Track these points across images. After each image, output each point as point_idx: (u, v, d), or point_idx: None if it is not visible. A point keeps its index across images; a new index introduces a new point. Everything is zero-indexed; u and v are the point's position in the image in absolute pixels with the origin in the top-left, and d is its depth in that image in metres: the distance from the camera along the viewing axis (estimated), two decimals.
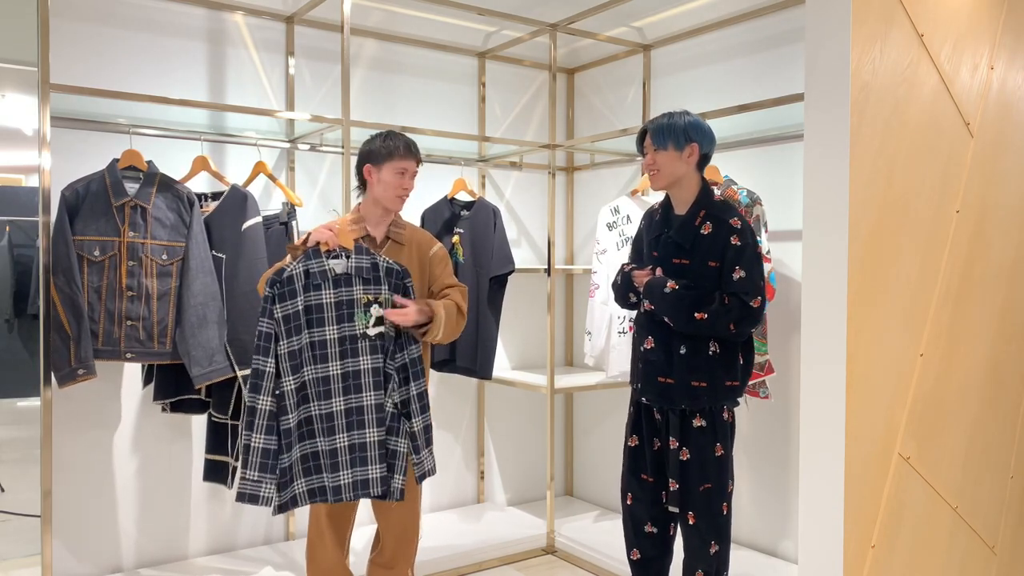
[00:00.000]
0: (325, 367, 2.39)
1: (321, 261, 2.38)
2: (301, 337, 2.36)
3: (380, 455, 2.43)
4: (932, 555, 2.40)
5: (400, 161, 2.49)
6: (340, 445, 2.40)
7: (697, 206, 2.56)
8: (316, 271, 2.38)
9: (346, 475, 2.41)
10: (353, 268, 2.41)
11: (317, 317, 2.38)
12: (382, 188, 2.50)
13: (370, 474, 2.43)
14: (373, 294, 2.42)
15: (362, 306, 2.41)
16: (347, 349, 2.40)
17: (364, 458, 2.42)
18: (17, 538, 3.90)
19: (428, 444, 2.53)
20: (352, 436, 2.41)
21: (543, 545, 3.66)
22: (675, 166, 2.55)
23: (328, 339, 2.39)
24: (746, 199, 3.07)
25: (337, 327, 2.40)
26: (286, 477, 2.35)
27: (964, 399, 2.49)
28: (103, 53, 3.13)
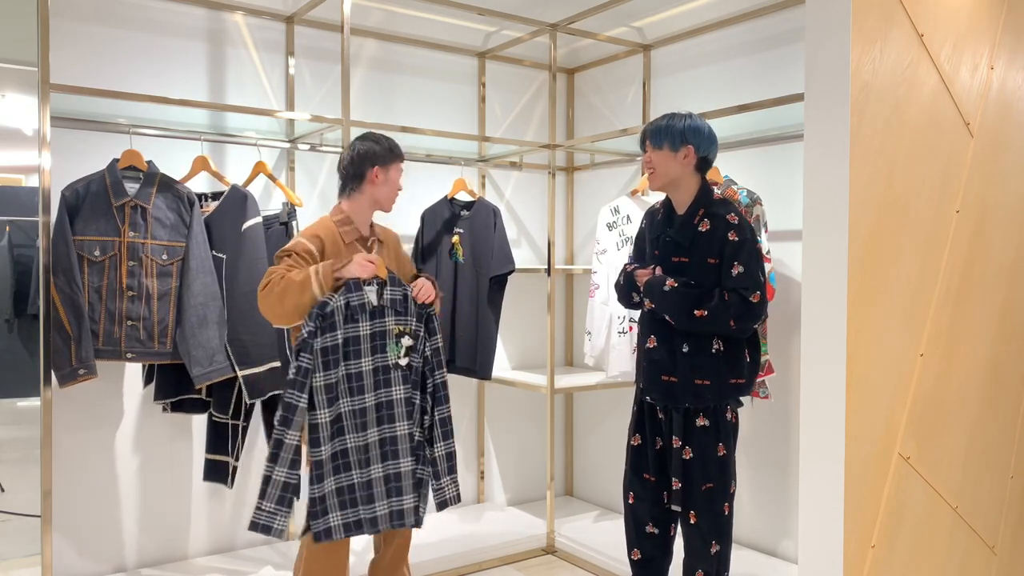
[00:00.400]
0: (362, 399, 2.43)
1: (361, 294, 2.42)
2: (338, 370, 2.39)
3: (412, 484, 2.49)
4: (932, 555, 2.40)
5: (400, 163, 2.62)
6: (375, 476, 2.45)
7: (696, 205, 2.58)
8: (356, 304, 2.42)
9: (382, 506, 2.46)
10: (389, 300, 2.47)
11: (354, 349, 2.42)
12: (387, 189, 2.58)
13: (404, 504, 2.49)
14: (403, 325, 2.49)
15: (394, 337, 2.47)
16: (380, 380, 2.45)
17: (399, 488, 2.47)
18: (17, 538, 3.90)
19: (451, 472, 2.57)
20: (387, 466, 2.46)
21: (543, 545, 3.66)
22: (670, 166, 2.57)
23: (364, 370, 2.43)
24: (746, 199, 3.07)
25: (371, 358, 2.44)
26: (316, 507, 2.37)
27: (964, 399, 2.49)
28: (103, 53, 3.13)
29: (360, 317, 2.43)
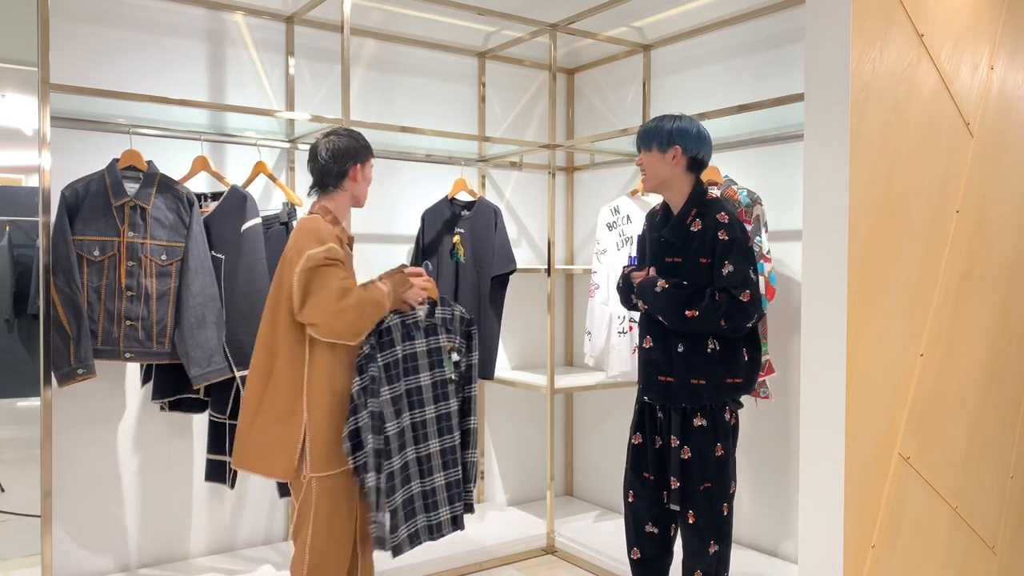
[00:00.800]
0: (422, 411, 2.55)
1: (414, 313, 2.55)
2: (400, 384, 2.50)
3: (460, 492, 2.67)
4: (932, 555, 2.40)
5: (372, 158, 2.60)
6: (438, 484, 2.58)
7: (689, 205, 2.58)
8: (411, 322, 2.54)
9: (444, 512, 2.60)
10: (440, 319, 2.60)
11: (412, 365, 2.54)
12: (365, 185, 2.57)
13: (457, 510, 2.65)
14: (452, 341, 2.64)
15: (447, 352, 2.61)
16: (439, 393, 2.58)
17: (456, 495, 2.62)
18: (17, 538, 3.90)
19: (472, 480, 2.70)
20: (448, 474, 2.60)
21: (543, 545, 3.66)
22: (659, 167, 2.58)
23: (423, 384, 2.55)
24: (746, 199, 3.07)
25: (429, 373, 2.57)
26: (395, 520, 2.46)
27: (964, 399, 2.49)
28: (103, 53, 3.13)
29: (416, 334, 2.56)
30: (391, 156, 3.70)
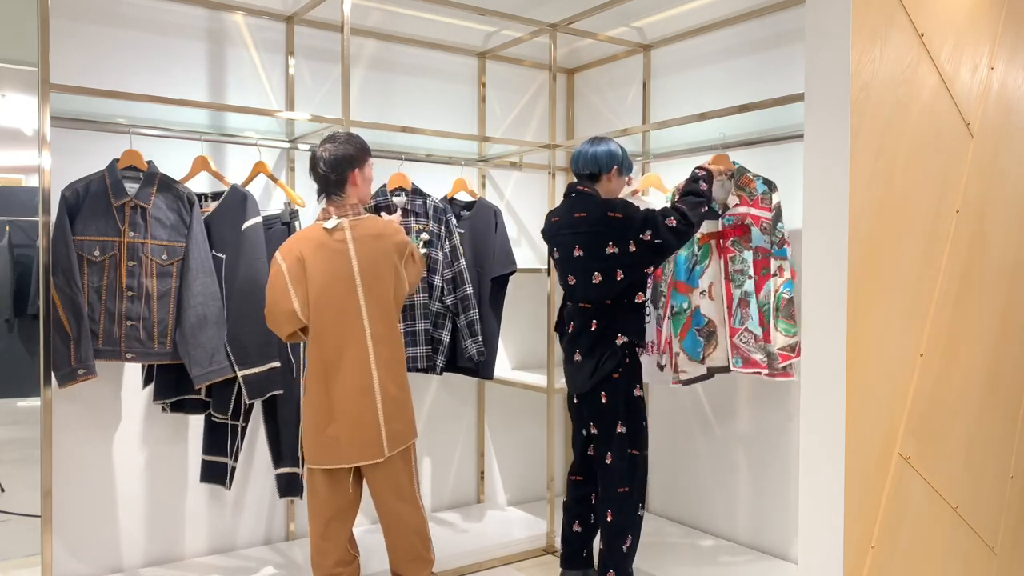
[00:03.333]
0: None
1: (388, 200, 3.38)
2: None
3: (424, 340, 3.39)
4: (932, 555, 2.40)
5: (371, 158, 2.73)
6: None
7: None
8: (384, 206, 3.45)
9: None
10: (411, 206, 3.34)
11: None
12: (368, 185, 2.71)
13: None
14: (422, 224, 3.35)
15: (416, 234, 3.39)
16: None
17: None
18: (17, 538, 3.90)
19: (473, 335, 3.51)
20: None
21: (543, 545, 3.66)
22: None
23: None
24: (763, 187, 3.10)
25: None
26: None
27: (964, 399, 2.49)
28: (103, 53, 3.13)
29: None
30: (391, 156, 3.70)
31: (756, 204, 3.09)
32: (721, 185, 3.13)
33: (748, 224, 3.10)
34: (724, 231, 3.15)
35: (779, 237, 3.08)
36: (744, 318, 3.10)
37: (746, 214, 3.10)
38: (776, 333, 3.06)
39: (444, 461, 4.02)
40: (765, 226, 3.08)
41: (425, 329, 3.45)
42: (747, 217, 3.10)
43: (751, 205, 3.11)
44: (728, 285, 3.13)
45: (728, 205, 3.13)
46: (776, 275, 3.08)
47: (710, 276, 3.15)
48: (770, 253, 3.06)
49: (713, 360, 3.16)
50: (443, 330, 3.51)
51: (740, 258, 3.11)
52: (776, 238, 3.08)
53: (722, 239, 3.15)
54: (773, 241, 3.07)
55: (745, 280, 3.10)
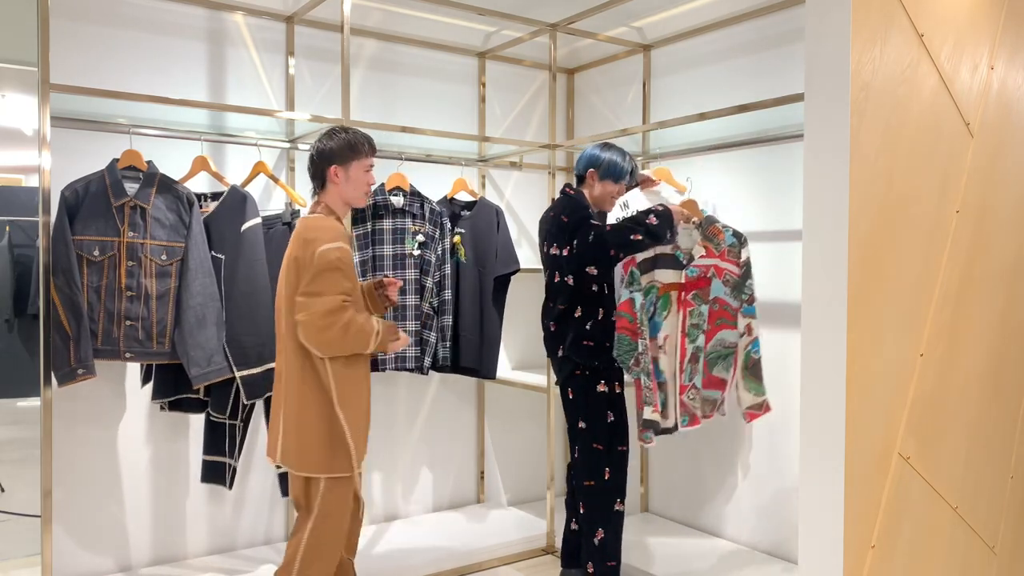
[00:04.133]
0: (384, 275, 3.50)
1: (386, 199, 3.48)
2: (367, 251, 3.49)
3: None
4: (932, 555, 2.40)
5: (367, 159, 2.56)
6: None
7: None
8: (382, 204, 3.49)
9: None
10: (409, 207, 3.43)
11: (379, 239, 3.46)
12: (352, 187, 2.54)
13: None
14: (418, 225, 3.41)
15: (411, 233, 3.43)
16: (398, 264, 3.48)
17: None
18: (17, 538, 3.90)
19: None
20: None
21: (543, 545, 3.66)
22: None
23: (385, 255, 3.52)
24: (731, 239, 3.04)
25: (392, 247, 3.50)
26: None
27: (964, 399, 2.49)
28: (103, 53, 3.13)
29: (385, 215, 3.44)
30: (391, 156, 3.70)
31: (723, 256, 3.03)
32: (688, 234, 3.04)
33: (711, 277, 3.03)
34: (687, 283, 3.01)
35: (748, 295, 3.03)
36: (693, 374, 3.01)
37: (710, 266, 3.03)
38: (743, 392, 3.03)
39: (444, 461, 4.02)
40: (728, 279, 3.03)
41: (416, 330, 3.48)
42: (711, 269, 3.03)
43: (717, 257, 3.04)
44: (683, 340, 3.01)
45: (694, 256, 3.03)
46: (744, 334, 3.03)
47: (667, 328, 3.00)
48: (730, 306, 3.03)
49: (665, 419, 2.99)
50: (431, 331, 3.53)
51: (698, 312, 3.01)
52: (745, 296, 3.03)
53: (683, 291, 3.02)
54: (742, 299, 3.03)
55: (699, 335, 3.01)
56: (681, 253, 3.01)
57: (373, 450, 3.74)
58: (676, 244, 3.00)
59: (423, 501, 3.97)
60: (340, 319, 2.38)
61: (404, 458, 3.90)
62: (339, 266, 2.40)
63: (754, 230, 3.42)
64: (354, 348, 2.44)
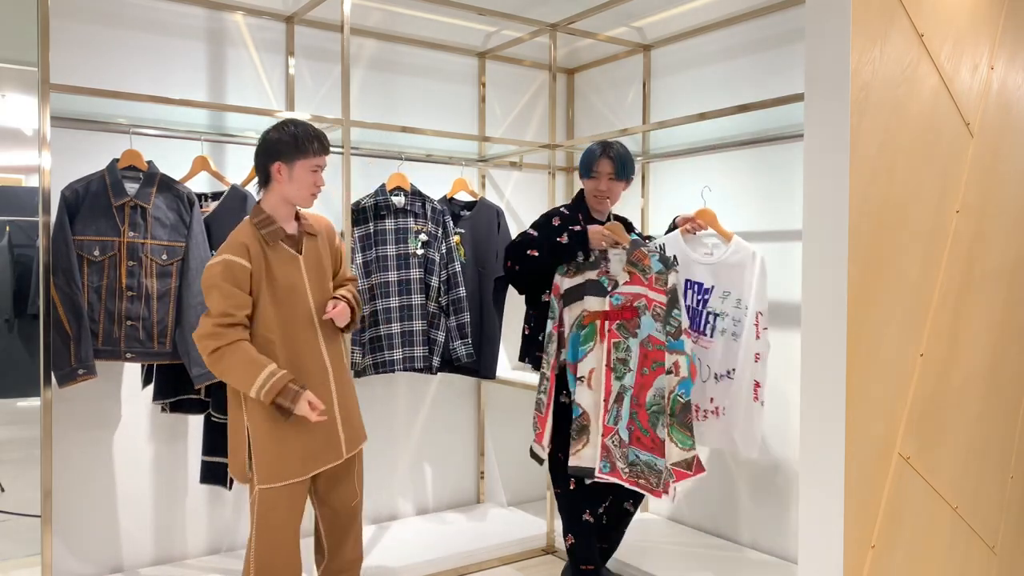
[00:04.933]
0: (386, 274, 3.51)
1: (387, 199, 3.45)
2: (371, 252, 3.50)
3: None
4: (932, 555, 2.40)
5: (315, 158, 2.39)
6: (412, 329, 3.44)
7: (614, 219, 2.95)
8: (383, 204, 3.49)
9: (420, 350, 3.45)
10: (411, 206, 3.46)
11: (381, 239, 3.47)
12: (295, 187, 2.38)
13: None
14: (420, 225, 3.36)
15: (414, 233, 3.34)
16: (401, 263, 3.49)
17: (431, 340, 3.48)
18: (17, 538, 3.89)
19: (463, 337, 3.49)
20: (418, 324, 3.44)
21: (543, 545, 3.66)
22: (619, 194, 2.96)
23: (389, 255, 3.54)
24: (658, 265, 2.73)
25: (395, 247, 3.50)
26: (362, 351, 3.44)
27: (964, 399, 2.49)
28: (103, 53, 3.13)
29: (387, 216, 3.47)
30: (391, 156, 3.70)
31: (650, 284, 2.71)
32: (618, 259, 2.79)
33: (639, 307, 2.72)
34: (610, 311, 2.75)
35: (675, 327, 2.65)
36: (617, 418, 2.71)
37: (639, 295, 2.72)
38: (670, 445, 2.61)
39: (444, 461, 4.02)
40: (658, 311, 2.68)
41: (423, 329, 3.46)
42: (640, 298, 2.72)
43: (644, 285, 2.72)
44: (608, 374, 2.73)
45: (618, 282, 2.77)
46: (671, 372, 2.63)
47: (591, 361, 2.75)
48: (664, 346, 2.65)
49: (580, 459, 2.74)
50: (439, 330, 3.51)
51: (624, 346, 2.72)
52: (672, 328, 2.65)
53: (607, 320, 2.75)
54: (668, 331, 2.65)
55: (626, 372, 2.71)
56: (606, 280, 2.77)
57: (373, 450, 3.73)
58: (605, 269, 2.78)
59: (423, 501, 3.98)
60: (207, 346, 2.27)
61: (404, 458, 3.90)
62: (216, 283, 2.27)
63: (754, 230, 3.42)
64: (231, 383, 2.31)
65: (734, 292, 2.92)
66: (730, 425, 2.88)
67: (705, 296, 2.97)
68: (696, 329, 2.98)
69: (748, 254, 2.92)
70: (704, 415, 2.95)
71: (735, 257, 2.94)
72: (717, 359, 2.94)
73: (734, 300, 2.92)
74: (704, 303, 2.97)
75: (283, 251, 2.41)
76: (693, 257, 3.00)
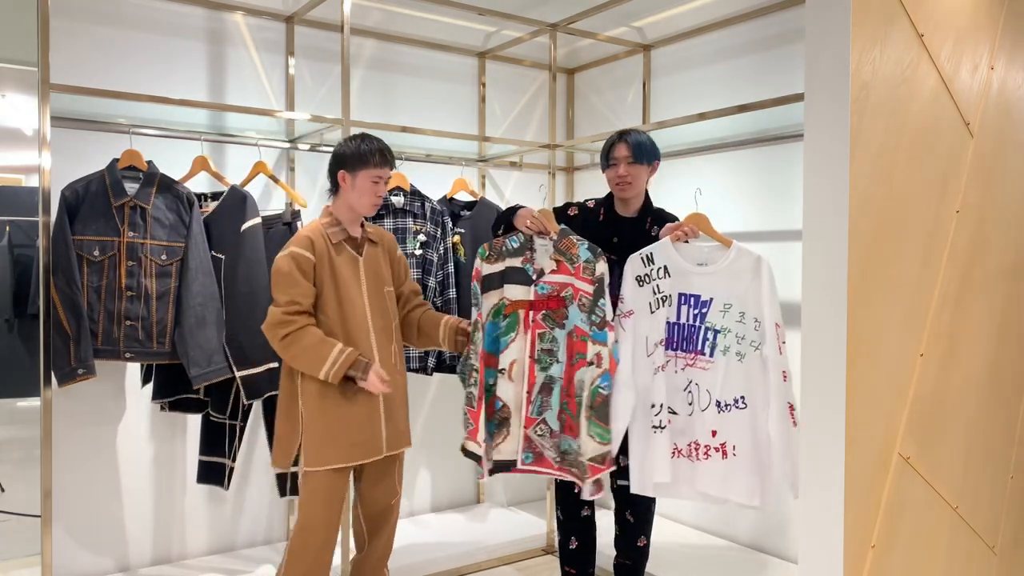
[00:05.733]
0: None
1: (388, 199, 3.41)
2: None
3: None
4: (932, 555, 2.40)
5: (376, 170, 2.53)
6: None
7: (645, 212, 2.81)
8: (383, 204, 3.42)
9: None
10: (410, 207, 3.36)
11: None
12: (357, 195, 2.54)
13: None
14: (419, 225, 3.37)
15: (413, 233, 3.31)
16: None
17: None
18: (17, 538, 3.90)
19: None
20: None
21: (543, 545, 3.66)
22: (642, 179, 2.76)
23: None
24: (586, 253, 2.61)
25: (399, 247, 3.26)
26: None
27: (964, 399, 2.49)
28: (103, 53, 3.13)
29: (386, 215, 3.42)
30: None
31: (577, 274, 2.60)
32: (544, 249, 2.66)
33: (566, 297, 2.62)
34: (535, 301, 2.64)
35: (600, 317, 2.55)
36: (544, 407, 2.62)
37: (565, 284, 2.62)
38: (586, 438, 2.52)
39: (444, 461, 4.02)
40: (584, 301, 2.59)
41: None
42: (566, 288, 2.62)
43: (572, 275, 2.61)
44: (532, 366, 2.63)
45: (544, 270, 2.65)
46: (593, 364, 2.53)
47: (513, 352, 2.64)
48: (587, 337, 2.56)
49: (500, 452, 2.67)
50: None
51: (550, 336, 2.63)
52: (596, 318, 2.55)
53: (532, 310, 2.64)
54: (592, 322, 2.56)
55: (552, 363, 2.63)
56: (531, 267, 2.66)
57: None
58: (529, 257, 2.66)
59: (423, 501, 3.97)
60: (277, 334, 2.41)
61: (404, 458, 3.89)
62: (283, 273, 2.44)
63: (754, 230, 3.42)
64: (299, 367, 2.45)
65: (736, 304, 2.57)
66: (749, 467, 2.52)
67: (703, 310, 2.62)
68: (693, 349, 2.61)
69: (752, 261, 2.56)
70: (705, 452, 2.57)
71: (736, 265, 2.57)
72: (719, 384, 2.55)
73: (737, 313, 2.57)
74: (702, 318, 2.62)
75: (345, 252, 2.56)
76: (686, 267, 2.61)
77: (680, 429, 2.58)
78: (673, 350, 2.62)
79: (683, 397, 2.59)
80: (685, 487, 2.59)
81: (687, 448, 2.58)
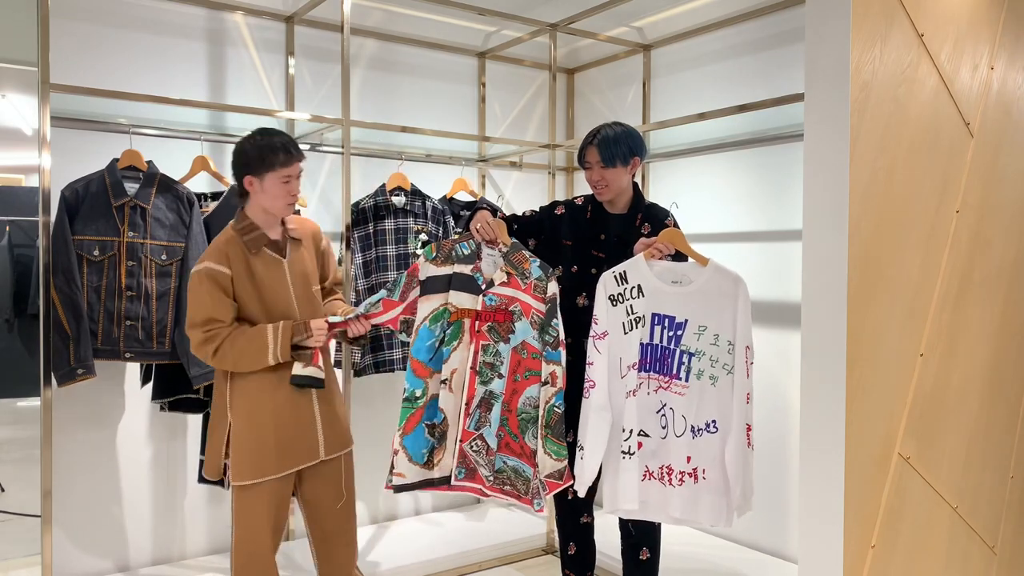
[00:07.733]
0: (385, 275, 3.50)
1: (387, 200, 3.46)
2: (371, 252, 3.50)
3: None
4: (932, 555, 2.40)
5: (283, 170, 2.33)
6: None
7: (635, 209, 2.69)
8: (383, 205, 3.53)
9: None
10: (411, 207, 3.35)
11: (381, 240, 3.51)
12: (269, 199, 2.35)
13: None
14: (421, 224, 3.24)
15: (414, 233, 3.37)
16: (402, 264, 3.48)
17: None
18: (17, 538, 3.90)
19: None
20: None
21: (543, 545, 3.66)
22: (621, 180, 2.64)
23: (388, 255, 3.50)
24: (538, 271, 2.54)
25: (395, 247, 3.49)
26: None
27: (964, 399, 2.49)
28: (103, 53, 3.13)
29: (386, 216, 3.46)
30: (391, 156, 3.70)
31: (528, 290, 2.54)
32: (492, 259, 2.59)
33: (514, 311, 2.55)
34: (482, 312, 2.55)
35: (553, 337, 2.48)
36: (482, 423, 2.53)
37: (513, 298, 2.55)
38: (544, 456, 2.47)
39: None
40: (536, 320, 2.52)
41: None
42: (514, 302, 2.55)
43: (522, 290, 2.55)
44: (473, 378, 2.53)
45: (493, 281, 2.56)
46: (548, 383, 2.48)
47: (455, 362, 2.54)
48: (541, 355, 2.51)
49: (442, 468, 2.56)
50: None
51: (494, 350, 2.54)
52: (550, 338, 2.49)
53: (478, 321, 2.55)
54: (546, 341, 2.50)
55: (494, 378, 2.53)
56: (480, 276, 2.58)
57: (373, 450, 3.73)
58: (478, 265, 2.58)
59: (423, 501, 3.97)
60: (207, 352, 2.28)
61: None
62: (197, 293, 2.29)
63: (754, 230, 3.42)
64: (245, 369, 2.32)
65: (711, 326, 2.45)
66: (716, 489, 2.47)
67: (678, 332, 2.49)
68: (668, 372, 2.49)
69: (730, 281, 2.43)
70: (679, 478, 2.48)
71: (713, 284, 2.44)
72: (693, 409, 2.46)
73: (711, 336, 2.45)
74: (676, 340, 2.49)
75: (267, 256, 2.39)
76: (660, 286, 2.46)
77: (652, 451, 2.48)
78: (646, 371, 2.48)
79: (656, 420, 2.49)
80: (656, 511, 2.50)
81: (659, 471, 2.48)
